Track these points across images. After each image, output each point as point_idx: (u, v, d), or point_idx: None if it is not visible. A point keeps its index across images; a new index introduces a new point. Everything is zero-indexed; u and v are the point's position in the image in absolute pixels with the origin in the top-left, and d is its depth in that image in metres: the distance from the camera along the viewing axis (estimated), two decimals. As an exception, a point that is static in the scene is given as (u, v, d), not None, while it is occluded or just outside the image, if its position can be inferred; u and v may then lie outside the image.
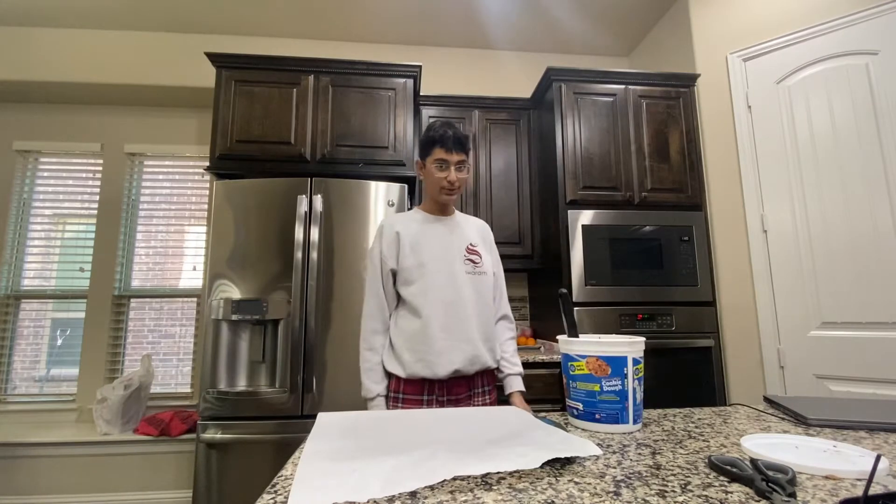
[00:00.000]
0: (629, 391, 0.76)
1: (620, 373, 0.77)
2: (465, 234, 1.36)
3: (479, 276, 1.32)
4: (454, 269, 1.29)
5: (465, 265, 1.31)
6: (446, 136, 1.27)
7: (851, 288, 1.82)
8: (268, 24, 2.74)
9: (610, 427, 0.76)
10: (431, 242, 1.31)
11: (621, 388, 0.76)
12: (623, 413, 0.76)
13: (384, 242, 1.32)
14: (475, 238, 1.38)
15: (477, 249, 1.35)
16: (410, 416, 0.83)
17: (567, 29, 2.83)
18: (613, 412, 0.76)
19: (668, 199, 2.22)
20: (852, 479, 0.52)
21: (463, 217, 1.43)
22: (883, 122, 1.80)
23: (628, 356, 0.78)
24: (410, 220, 1.36)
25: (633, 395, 0.77)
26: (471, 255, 1.33)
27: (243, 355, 1.87)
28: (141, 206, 2.88)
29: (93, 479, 2.31)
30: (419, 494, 0.48)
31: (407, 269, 1.28)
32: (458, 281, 1.28)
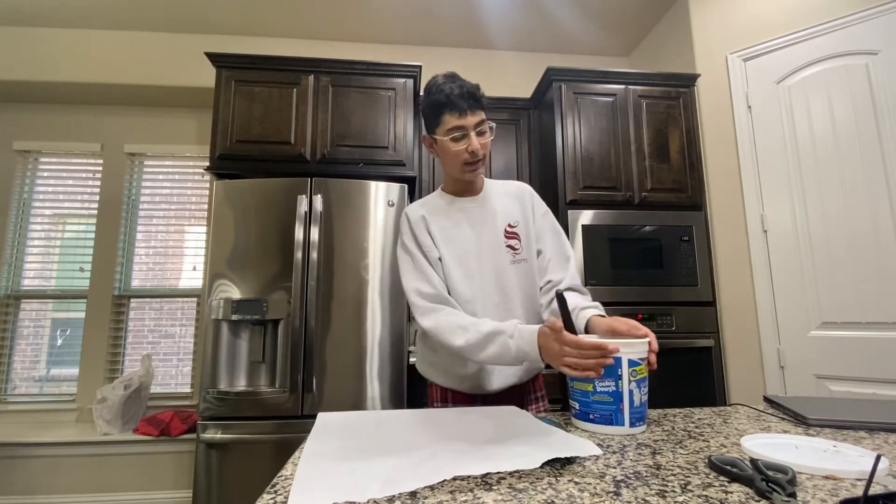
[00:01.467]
0: (624, 393, 0.75)
1: (614, 374, 0.76)
2: (501, 213, 1.12)
3: (521, 265, 1.09)
4: (497, 263, 1.07)
5: (506, 254, 1.08)
6: (453, 95, 1.00)
7: (851, 288, 1.82)
8: (268, 24, 2.73)
9: (604, 428, 0.76)
10: (465, 233, 1.09)
11: (615, 389, 0.75)
12: (617, 415, 0.75)
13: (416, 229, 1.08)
14: (514, 213, 1.13)
15: (516, 231, 1.11)
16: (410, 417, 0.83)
17: (567, 29, 2.83)
18: (607, 413, 0.75)
19: (668, 199, 2.22)
20: (852, 479, 0.52)
21: (495, 187, 1.18)
22: (883, 122, 1.80)
23: (623, 357, 0.76)
24: (435, 207, 1.12)
25: (628, 397, 0.75)
26: (510, 240, 1.10)
27: (243, 355, 1.87)
28: (141, 206, 2.88)
29: (93, 479, 2.31)
30: (419, 494, 0.48)
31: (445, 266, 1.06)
32: (504, 277, 1.07)
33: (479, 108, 1.02)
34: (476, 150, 1.01)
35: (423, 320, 1.00)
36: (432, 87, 1.04)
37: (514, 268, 1.07)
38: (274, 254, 1.92)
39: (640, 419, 0.77)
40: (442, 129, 1.03)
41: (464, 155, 1.02)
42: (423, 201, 1.15)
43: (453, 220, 1.10)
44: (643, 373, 0.78)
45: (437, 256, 1.06)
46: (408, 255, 1.08)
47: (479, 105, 1.02)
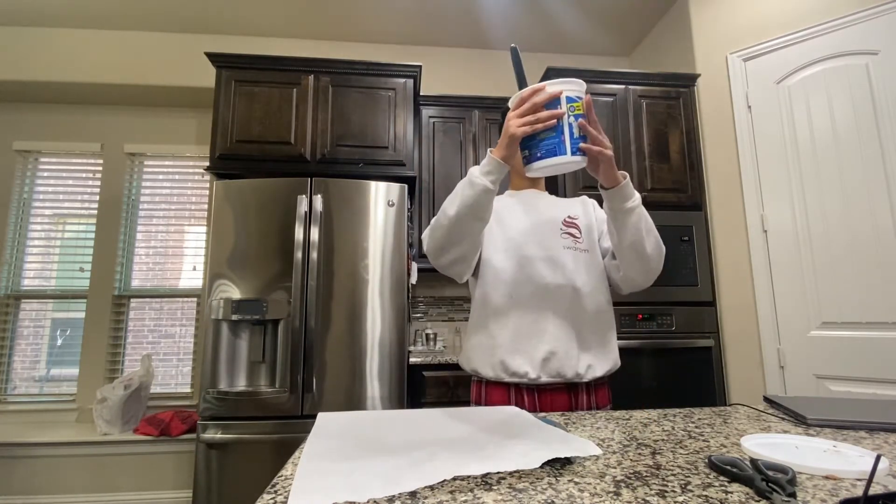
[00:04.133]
0: (565, 125, 0.80)
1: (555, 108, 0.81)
2: (563, 206, 1.15)
3: (581, 253, 1.08)
4: (549, 245, 1.06)
5: (563, 239, 1.08)
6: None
7: (851, 288, 1.82)
8: (268, 24, 2.74)
9: (548, 160, 0.81)
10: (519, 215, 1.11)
11: (557, 122, 0.80)
12: (560, 146, 0.81)
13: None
14: (575, 210, 1.15)
15: (576, 222, 1.11)
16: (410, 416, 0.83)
17: (567, 29, 2.83)
18: (551, 146, 0.81)
19: (668, 199, 2.22)
20: (852, 479, 0.52)
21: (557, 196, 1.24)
22: (883, 122, 1.80)
23: (562, 95, 0.81)
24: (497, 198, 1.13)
25: (569, 130, 0.81)
26: (569, 229, 1.10)
27: (243, 355, 1.87)
28: (141, 206, 2.88)
29: (93, 479, 2.31)
30: (419, 494, 0.48)
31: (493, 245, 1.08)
32: (554, 259, 1.05)
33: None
34: None
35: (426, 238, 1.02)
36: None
37: (570, 253, 1.07)
38: (274, 254, 1.92)
39: (579, 150, 0.81)
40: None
41: None
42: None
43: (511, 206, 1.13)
44: (580, 109, 0.82)
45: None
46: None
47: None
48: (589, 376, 1.03)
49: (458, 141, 2.52)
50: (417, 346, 2.50)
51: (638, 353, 2.03)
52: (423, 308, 2.74)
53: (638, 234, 0.98)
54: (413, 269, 2.26)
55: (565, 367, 1.01)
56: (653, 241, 1.02)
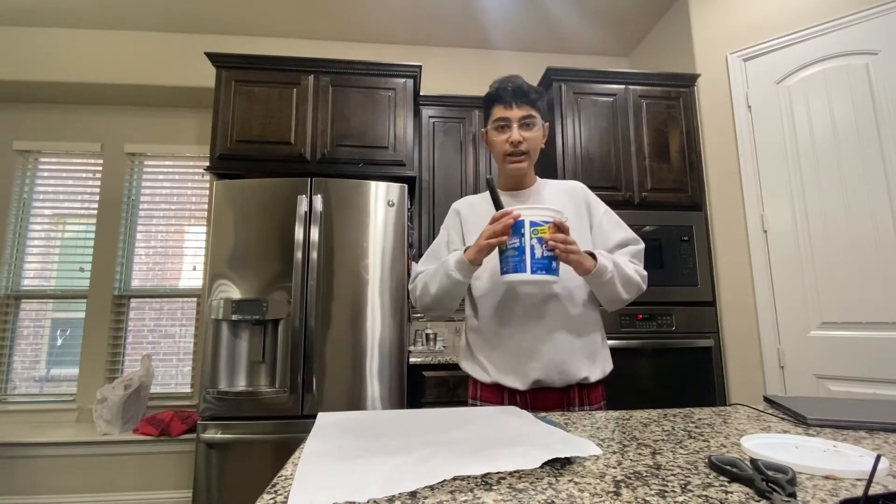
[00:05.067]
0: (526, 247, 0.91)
1: (519, 232, 0.92)
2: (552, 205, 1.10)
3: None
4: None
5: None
6: (503, 89, 1.06)
7: (851, 288, 1.82)
8: (268, 24, 2.74)
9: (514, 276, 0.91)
10: None
11: (519, 244, 0.91)
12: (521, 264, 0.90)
13: (449, 223, 1.17)
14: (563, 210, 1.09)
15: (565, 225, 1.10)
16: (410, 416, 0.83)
17: (567, 29, 2.83)
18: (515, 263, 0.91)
19: (668, 199, 2.22)
20: (852, 479, 0.52)
21: (550, 185, 1.18)
22: (883, 122, 1.80)
23: (525, 219, 0.91)
24: (479, 201, 1.16)
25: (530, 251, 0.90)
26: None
27: (243, 355, 1.87)
28: (141, 206, 2.88)
29: (93, 479, 2.31)
30: (419, 494, 0.48)
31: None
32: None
33: (526, 103, 1.06)
34: (516, 142, 1.05)
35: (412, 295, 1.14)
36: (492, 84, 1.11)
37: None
38: (274, 254, 1.92)
39: (543, 269, 0.90)
40: (490, 120, 1.10)
41: (505, 146, 1.07)
42: (471, 197, 1.22)
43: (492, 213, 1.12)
44: (545, 232, 0.91)
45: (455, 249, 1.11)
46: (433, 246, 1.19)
47: (526, 100, 1.06)
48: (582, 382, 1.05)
49: (458, 141, 2.51)
50: (417, 346, 2.50)
51: (638, 353, 2.03)
52: (423, 308, 2.74)
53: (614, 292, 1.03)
54: (413, 269, 2.26)
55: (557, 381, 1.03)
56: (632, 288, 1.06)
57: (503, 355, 1.05)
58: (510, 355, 1.04)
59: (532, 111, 1.06)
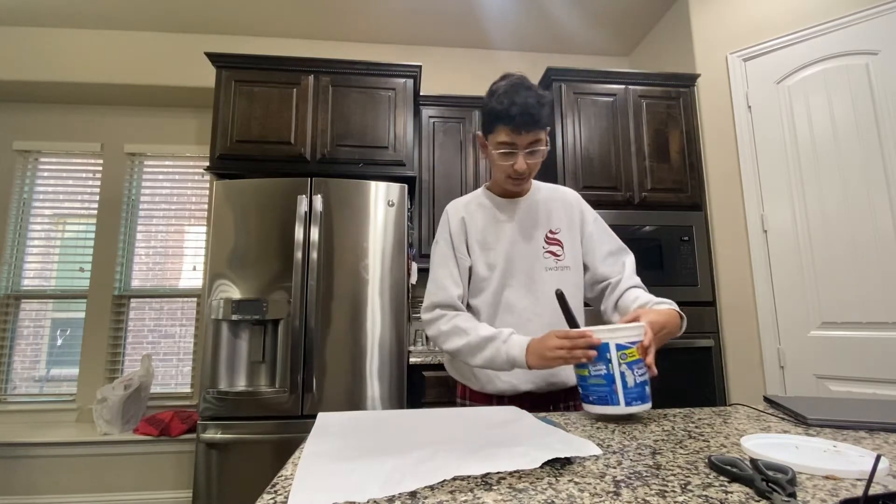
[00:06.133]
0: (615, 375, 0.80)
1: (604, 358, 0.81)
2: (544, 217, 1.11)
3: (560, 272, 1.07)
4: (532, 270, 1.06)
5: (544, 259, 1.07)
6: (512, 110, 0.96)
7: (851, 288, 1.82)
8: (268, 24, 2.74)
9: (602, 408, 0.81)
10: (503, 237, 1.08)
11: (606, 372, 0.81)
12: (613, 396, 0.80)
13: (453, 229, 1.09)
14: (558, 218, 1.11)
15: (558, 237, 1.09)
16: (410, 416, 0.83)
17: (567, 29, 2.83)
18: (603, 394, 0.81)
19: (668, 199, 2.22)
20: (852, 479, 0.52)
21: (543, 191, 1.15)
22: (883, 122, 1.80)
23: (610, 342, 0.81)
24: (478, 206, 1.12)
25: (620, 379, 0.80)
26: (551, 246, 1.08)
27: (243, 355, 1.87)
28: (141, 206, 2.88)
29: (93, 479, 2.31)
30: (419, 494, 0.48)
31: (479, 276, 1.07)
32: (537, 283, 1.06)
33: (536, 127, 0.98)
34: (521, 171, 1.01)
35: (428, 328, 1.06)
36: (495, 91, 1.01)
37: (550, 274, 1.07)
38: (274, 254, 1.92)
39: (637, 398, 0.80)
40: (493, 139, 1.02)
41: (509, 171, 1.03)
42: (465, 200, 1.15)
43: (493, 222, 1.10)
44: (635, 355, 0.81)
45: (468, 265, 1.08)
46: (438, 258, 1.10)
47: (536, 125, 0.98)
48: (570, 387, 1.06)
49: (458, 141, 2.51)
50: (417, 346, 2.50)
51: (638, 353, 2.03)
52: (423, 308, 2.74)
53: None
54: (413, 269, 2.26)
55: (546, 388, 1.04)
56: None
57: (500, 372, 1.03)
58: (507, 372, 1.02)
59: (539, 134, 1.00)
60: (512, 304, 1.05)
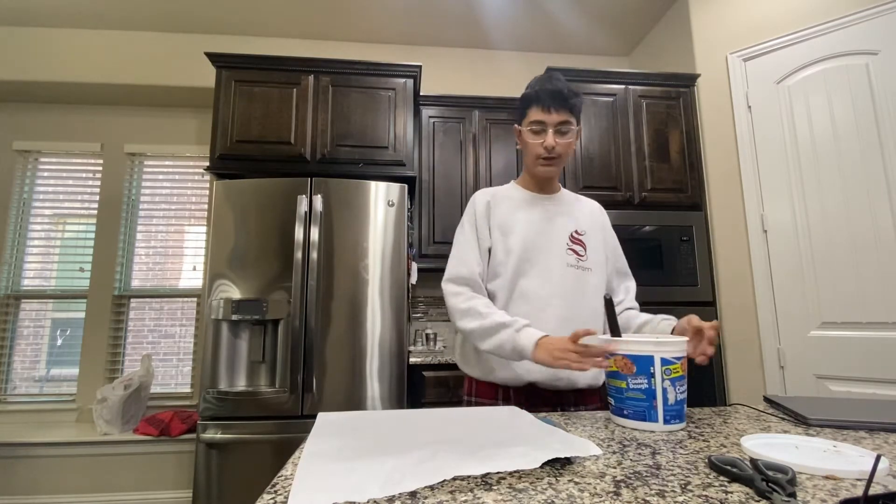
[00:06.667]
0: (657, 390, 0.76)
1: (647, 371, 0.77)
2: (571, 218, 1.13)
3: (581, 272, 1.08)
4: (551, 261, 1.07)
5: (566, 255, 1.08)
6: (543, 92, 1.04)
7: (851, 288, 1.82)
8: (268, 24, 2.74)
9: (637, 424, 0.77)
10: (525, 226, 1.09)
11: (647, 386, 0.77)
12: (651, 412, 0.76)
13: (478, 211, 1.12)
14: (585, 223, 1.13)
15: (582, 239, 1.11)
16: (411, 416, 0.83)
17: (567, 29, 2.83)
18: (640, 410, 0.77)
19: (668, 199, 2.22)
20: (852, 479, 0.52)
21: (572, 196, 1.19)
22: (883, 122, 1.80)
23: (655, 356, 0.77)
24: (505, 196, 1.14)
25: (662, 395, 0.76)
26: (574, 245, 1.09)
27: (243, 355, 1.87)
28: (141, 206, 2.88)
29: (93, 479, 2.31)
30: (419, 494, 0.48)
31: (497, 260, 1.08)
32: (555, 275, 1.06)
33: (565, 108, 1.04)
34: (550, 146, 1.04)
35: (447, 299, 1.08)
36: (530, 83, 1.10)
37: (571, 271, 1.07)
38: (274, 254, 1.92)
39: (676, 417, 0.77)
40: (526, 120, 1.08)
41: (538, 149, 1.06)
42: (494, 189, 1.18)
43: (518, 213, 1.11)
44: (678, 371, 0.78)
45: (488, 247, 1.10)
46: (462, 237, 1.13)
47: (565, 105, 1.04)
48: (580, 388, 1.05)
49: (458, 141, 2.51)
50: (417, 346, 2.50)
51: (638, 353, 2.03)
52: (423, 308, 2.74)
53: None
54: (413, 269, 2.26)
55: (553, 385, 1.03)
56: None
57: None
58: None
59: (570, 116, 1.05)
60: (527, 292, 1.05)
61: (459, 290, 1.07)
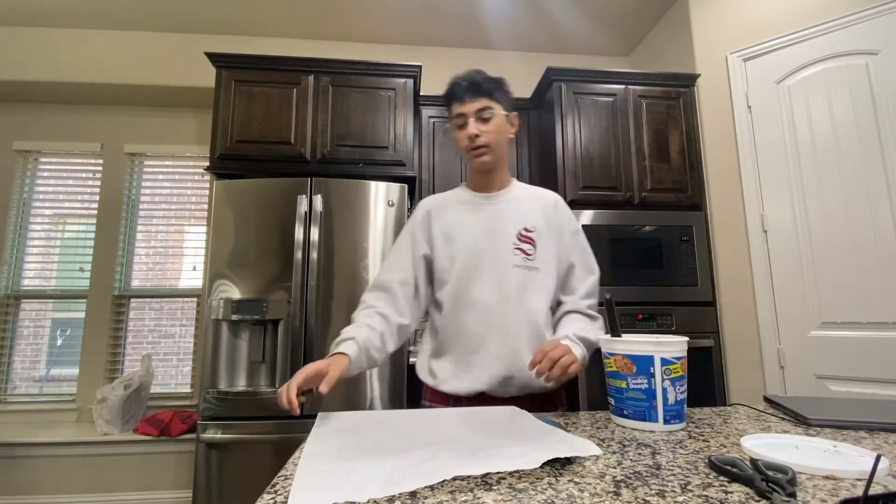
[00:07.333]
0: (657, 390, 0.76)
1: (646, 371, 0.77)
2: (519, 215, 1.07)
3: (529, 272, 1.03)
4: (498, 263, 1.02)
5: (513, 256, 1.03)
6: (457, 86, 1.04)
7: (851, 288, 1.82)
8: (268, 24, 2.73)
9: (637, 424, 0.77)
10: (470, 229, 1.06)
11: (647, 386, 0.77)
12: (651, 412, 0.76)
13: (416, 219, 1.11)
14: (535, 219, 1.07)
15: (531, 236, 1.05)
16: (411, 416, 0.83)
17: (567, 29, 2.83)
18: (640, 409, 0.77)
19: (668, 199, 2.22)
20: (852, 479, 0.52)
21: (523, 190, 1.14)
22: (883, 122, 1.80)
23: (655, 356, 0.77)
24: (449, 200, 1.12)
25: (662, 395, 0.76)
26: (522, 244, 1.04)
27: (243, 355, 1.87)
28: (141, 206, 2.88)
29: (93, 479, 2.31)
30: (419, 494, 0.48)
31: (440, 268, 1.06)
32: (502, 278, 1.01)
33: (480, 95, 1.03)
34: (472, 135, 1.02)
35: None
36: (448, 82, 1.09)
37: (518, 272, 1.02)
38: (274, 254, 1.92)
39: (676, 416, 0.77)
40: (451, 118, 1.08)
41: (464, 140, 1.04)
42: (439, 195, 1.16)
43: (463, 216, 1.08)
44: (678, 371, 0.78)
45: (423, 254, 1.08)
46: (396, 244, 1.13)
47: (480, 93, 1.03)
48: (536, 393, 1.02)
49: (458, 141, 2.51)
50: (418, 346, 2.50)
51: (638, 353, 2.03)
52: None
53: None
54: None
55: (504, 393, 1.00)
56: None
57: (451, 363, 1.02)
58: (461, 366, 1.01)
59: (488, 102, 1.03)
60: (475, 300, 1.02)
61: (364, 299, 1.08)
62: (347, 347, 0.91)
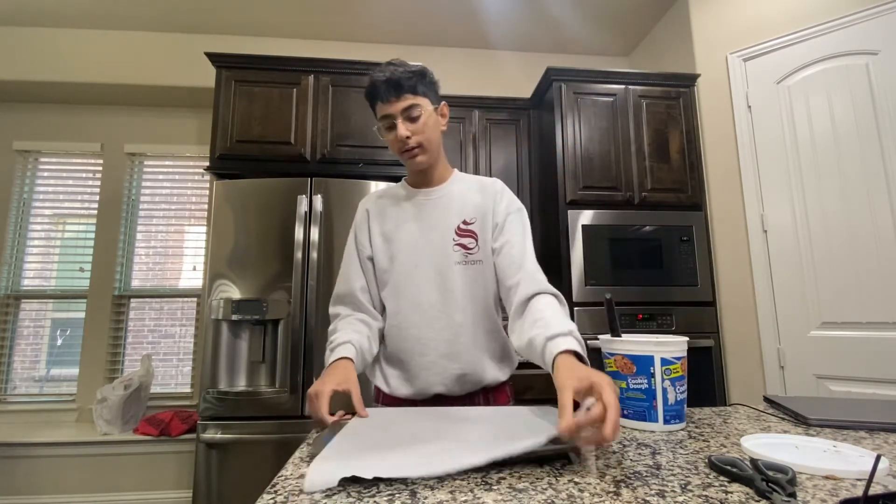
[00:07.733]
0: (657, 390, 0.76)
1: (647, 372, 0.77)
2: (456, 209, 1.02)
3: (472, 266, 0.98)
4: (439, 261, 0.98)
5: (453, 253, 0.99)
6: (378, 83, 0.97)
7: (851, 288, 1.82)
8: (268, 24, 2.73)
9: (637, 424, 0.77)
10: (408, 227, 1.02)
11: (647, 386, 0.77)
12: (651, 412, 0.76)
13: (357, 221, 1.09)
14: (472, 210, 1.01)
15: (471, 228, 1.00)
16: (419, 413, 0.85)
17: (567, 29, 2.83)
18: (640, 410, 0.77)
19: (668, 199, 2.22)
20: (852, 479, 0.52)
21: (462, 181, 1.08)
22: (883, 122, 1.80)
23: (655, 356, 0.77)
24: (388, 198, 1.09)
25: (662, 395, 0.76)
26: (462, 238, 0.99)
27: (243, 355, 1.87)
28: (141, 206, 2.88)
29: (93, 479, 2.31)
30: (419, 494, 0.48)
31: (380, 268, 1.02)
32: (445, 277, 0.98)
33: (405, 92, 0.96)
34: (402, 137, 0.95)
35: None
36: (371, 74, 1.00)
37: (460, 269, 0.98)
38: (274, 254, 1.92)
39: (675, 417, 0.77)
40: (378, 119, 1.01)
41: (395, 143, 0.99)
42: (379, 192, 1.12)
43: (401, 214, 1.04)
44: (678, 371, 0.78)
45: (368, 255, 1.04)
46: (346, 250, 1.08)
47: (403, 90, 0.96)
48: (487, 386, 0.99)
49: (458, 141, 2.52)
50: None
51: (638, 353, 2.03)
52: (423, 308, 2.74)
53: None
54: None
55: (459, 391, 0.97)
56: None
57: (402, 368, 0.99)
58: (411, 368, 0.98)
59: (414, 100, 0.97)
60: (419, 301, 0.97)
61: (336, 312, 1.02)
62: (347, 351, 0.89)
